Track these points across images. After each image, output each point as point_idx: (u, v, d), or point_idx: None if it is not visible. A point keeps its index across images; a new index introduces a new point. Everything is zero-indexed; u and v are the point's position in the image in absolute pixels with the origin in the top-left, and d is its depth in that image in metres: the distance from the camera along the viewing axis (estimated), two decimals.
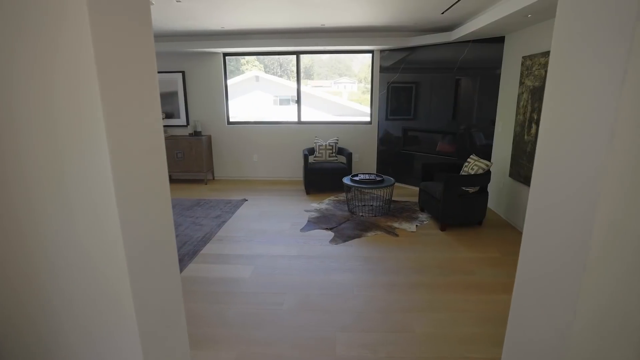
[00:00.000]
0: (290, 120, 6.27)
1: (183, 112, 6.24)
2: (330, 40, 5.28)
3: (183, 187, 6.04)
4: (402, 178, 5.89)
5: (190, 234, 3.96)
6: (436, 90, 5.23)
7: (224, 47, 5.46)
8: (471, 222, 4.04)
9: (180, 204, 5.09)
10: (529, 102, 3.68)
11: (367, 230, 4.01)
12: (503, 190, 4.35)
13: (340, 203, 5.02)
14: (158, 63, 5.96)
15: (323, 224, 4.22)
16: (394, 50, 5.56)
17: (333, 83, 8.84)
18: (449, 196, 3.85)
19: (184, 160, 6.05)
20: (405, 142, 5.78)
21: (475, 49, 4.66)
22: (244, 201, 5.18)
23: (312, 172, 5.39)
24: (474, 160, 4.09)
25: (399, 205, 4.87)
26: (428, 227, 4.12)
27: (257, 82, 9.52)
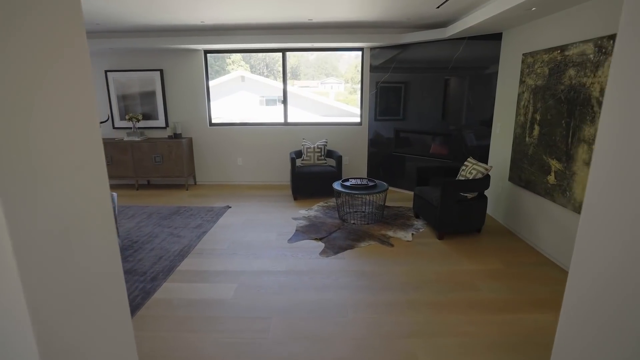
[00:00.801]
0: (276, 122, 5.95)
1: (162, 113, 5.85)
2: (318, 36, 4.99)
3: (162, 193, 5.65)
4: (394, 181, 5.64)
5: (166, 247, 3.60)
6: (429, 90, 4.99)
7: (204, 43, 5.10)
8: (470, 229, 3.80)
9: (157, 212, 4.71)
10: (531, 102, 3.46)
11: (359, 240, 3.73)
12: (502, 195, 4.13)
13: (330, 209, 4.73)
14: (134, 60, 5.58)
15: (312, 234, 3.92)
16: (385, 48, 5.30)
17: (320, 83, 8.74)
18: (447, 203, 3.60)
19: (162, 165, 5.66)
20: (397, 144, 5.53)
21: (471, 47, 4.43)
22: (227, 208, 4.84)
23: (299, 177, 5.09)
24: (472, 163, 3.86)
25: (392, 212, 4.61)
26: (424, 235, 3.86)
27: (242, 82, 9.23)
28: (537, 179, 3.36)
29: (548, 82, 3.19)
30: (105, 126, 5.92)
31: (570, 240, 2.97)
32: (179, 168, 5.68)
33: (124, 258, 3.33)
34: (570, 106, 2.90)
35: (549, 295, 2.69)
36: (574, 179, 2.87)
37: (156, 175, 5.72)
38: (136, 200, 5.28)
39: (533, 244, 3.52)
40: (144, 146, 5.59)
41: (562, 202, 3.02)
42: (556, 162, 3.08)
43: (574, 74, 2.84)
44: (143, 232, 4.00)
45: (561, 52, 3.00)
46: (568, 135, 2.93)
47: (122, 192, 5.72)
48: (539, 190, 3.34)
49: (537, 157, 3.36)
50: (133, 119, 5.62)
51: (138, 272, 3.07)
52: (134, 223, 4.30)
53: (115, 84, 5.75)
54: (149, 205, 4.98)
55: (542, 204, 3.35)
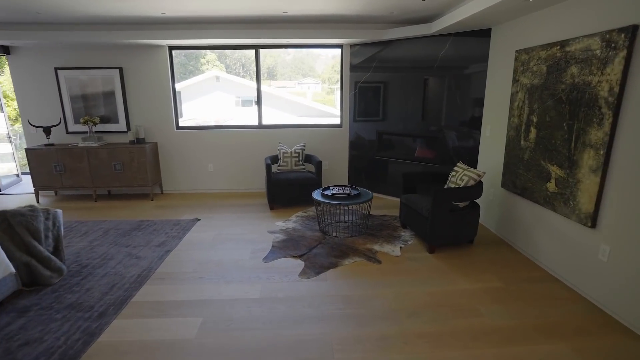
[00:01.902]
0: (250, 124, 5.50)
1: (122, 115, 5.29)
2: (294, 32, 4.59)
3: (124, 204, 5.09)
4: (378, 187, 5.31)
5: (122, 272, 3.11)
6: (413, 91, 4.68)
7: (168, 38, 4.60)
8: (462, 240, 3.51)
9: (116, 228, 4.17)
10: (526, 102, 3.19)
11: (343, 257, 3.35)
12: (494, 202, 3.87)
13: (309, 220, 4.34)
14: (88, 56, 5.00)
15: (290, 250, 3.51)
16: (366, 45, 4.96)
17: (297, 84, 8.50)
18: (439, 213, 3.28)
19: (123, 173, 5.11)
20: (380, 147, 5.21)
21: (458, 44, 4.15)
22: (195, 221, 4.36)
23: (276, 184, 4.67)
24: (462, 169, 3.56)
25: (377, 221, 4.27)
26: (414, 248, 3.53)
27: (217, 83, 8.75)
28: (535, 186, 3.09)
29: (546, 81, 2.92)
30: (58, 130, 5.30)
31: (575, 254, 2.70)
32: (142, 176, 5.14)
33: (68, 288, 2.82)
34: (572, 107, 2.63)
35: (559, 319, 2.40)
36: (578, 187, 2.60)
37: (117, 184, 5.15)
38: (93, 214, 4.70)
39: (531, 257, 3.26)
40: (102, 152, 5.02)
41: (565, 212, 2.75)
42: (557, 169, 2.82)
43: (577, 72, 2.57)
44: (96, 254, 3.48)
45: (561, 48, 2.73)
46: (571, 139, 2.66)
47: (77, 204, 5.12)
48: (537, 199, 3.07)
49: (535, 162, 3.09)
50: (89, 122, 5.04)
51: (83, 307, 2.58)
52: (86, 242, 3.76)
53: (68, 83, 5.14)
54: (107, 220, 4.43)
55: (541, 214, 3.08)
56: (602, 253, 2.46)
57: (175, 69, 5.27)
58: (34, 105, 5.23)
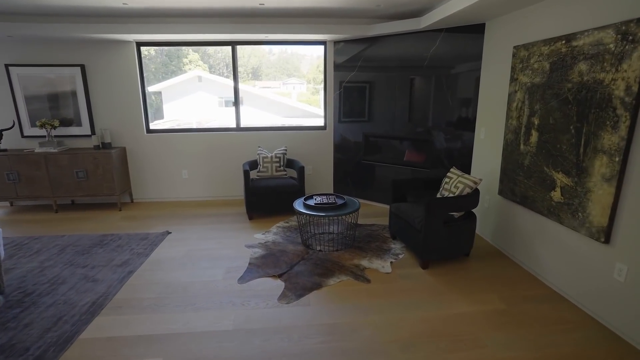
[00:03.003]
0: (227, 127, 5.11)
1: (86, 118, 4.82)
2: (273, 26, 4.23)
3: (88, 216, 4.63)
4: (365, 193, 4.99)
5: (72, 300, 2.69)
6: (401, 91, 4.38)
7: (133, 32, 4.17)
8: (457, 253, 3.21)
9: (75, 244, 3.73)
10: (526, 103, 2.92)
11: (328, 275, 3.01)
12: (490, 210, 3.59)
13: (292, 231, 3.99)
14: (45, 52, 4.53)
15: (269, 268, 3.15)
16: (351, 42, 4.64)
17: (282, 84, 8.38)
18: (433, 226, 2.98)
19: (87, 181, 4.64)
20: (367, 151, 4.89)
21: (449, 40, 3.87)
22: (166, 235, 3.95)
23: (255, 192, 4.29)
24: (457, 175, 3.27)
25: (365, 231, 3.95)
26: (406, 263, 3.22)
27: (200, 83, 8.43)
28: (537, 195, 2.82)
29: (549, 80, 2.64)
30: (11, 134, 4.79)
31: (586, 272, 2.43)
32: (109, 185, 4.68)
33: (1, 325, 2.39)
34: (581, 108, 2.36)
35: (573, 348, 2.11)
36: (588, 197, 2.33)
37: (80, 194, 4.68)
38: (51, 227, 4.23)
39: (533, 272, 2.98)
40: (62, 159, 4.55)
41: (572, 224, 2.47)
42: (563, 176, 2.54)
43: (586, 69, 2.30)
44: (45, 277, 3.04)
45: (567, 43, 2.46)
46: (579, 144, 2.39)
47: (35, 216, 4.63)
48: (539, 208, 2.80)
49: (537, 168, 2.82)
50: (47, 125, 4.55)
51: (16, 350, 2.16)
52: (36, 263, 3.31)
53: (22, 82, 4.64)
54: (66, 235, 3.97)
55: (544, 225, 2.81)
56: (618, 272, 2.19)
57: (156, 68, 4.83)
58: None
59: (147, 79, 4.90)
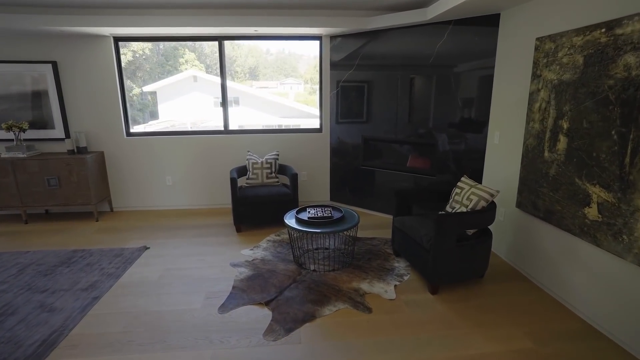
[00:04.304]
0: (214, 129, 4.69)
1: (59, 120, 4.40)
2: (263, 19, 3.82)
3: (61, 227, 4.21)
4: (364, 202, 4.59)
5: (19, 338, 2.27)
6: (404, 90, 3.98)
7: (110, 25, 3.75)
8: (471, 276, 2.81)
9: (38, 262, 3.31)
10: (552, 103, 2.52)
11: (323, 302, 2.60)
12: (506, 224, 3.19)
13: (283, 246, 3.58)
14: (12, 47, 4.13)
15: (256, 293, 2.74)
16: (349, 36, 4.23)
17: (279, 84, 8.24)
18: (443, 245, 2.57)
19: (60, 189, 4.22)
20: (367, 155, 4.49)
21: (458, 33, 3.47)
22: (143, 250, 3.54)
23: (243, 202, 3.88)
24: (469, 185, 2.87)
25: (364, 246, 3.54)
26: (412, 287, 2.82)
27: (195, 83, 8.17)
28: (566, 211, 2.42)
29: (583, 76, 2.24)
30: None
31: (634, 307, 2.02)
32: (84, 193, 4.26)
33: None
34: (627, 110, 1.96)
35: None
36: (637, 217, 1.93)
37: (52, 203, 4.26)
38: (16, 241, 3.81)
39: (561, 299, 2.58)
40: (31, 165, 4.13)
41: (614, 248, 2.08)
42: (601, 190, 2.14)
43: (636, 62, 1.90)
44: None
45: (608, 31, 2.06)
46: (624, 152, 1.99)
47: (1, 227, 4.21)
48: (569, 226, 2.40)
49: (565, 180, 2.42)
50: (14, 128, 4.13)
51: None
52: None
53: None
54: (31, 251, 3.55)
55: (575, 246, 2.41)
56: None
57: (152, 68, 4.42)
58: None
59: (143, 79, 4.52)
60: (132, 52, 5.14)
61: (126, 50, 5.03)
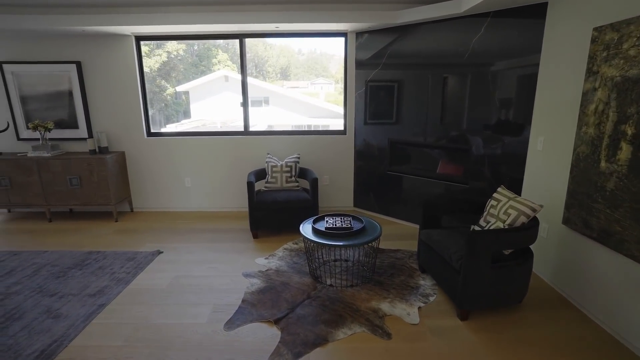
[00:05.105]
0: (234, 130, 4.56)
1: (82, 120, 4.42)
2: (284, 15, 3.62)
3: (81, 227, 4.21)
4: (389, 209, 4.29)
5: (20, 346, 2.19)
6: (435, 90, 3.66)
7: (131, 23, 3.69)
8: (507, 301, 2.46)
9: (53, 263, 3.28)
10: (611, 105, 2.13)
11: (338, 324, 2.36)
12: (549, 242, 2.81)
13: (300, 255, 3.37)
14: (40, 48, 4.18)
15: (266, 308, 2.54)
16: (376, 33, 3.95)
17: (310, 84, 8.20)
18: (476, 266, 2.26)
19: (81, 189, 4.23)
20: (393, 160, 4.19)
21: (497, 27, 3.11)
22: (156, 255, 3.44)
23: (260, 207, 3.70)
24: (507, 197, 2.52)
25: (387, 259, 3.26)
26: (438, 310, 2.51)
27: (226, 83, 8.23)
28: (629, 233, 2.04)
29: None
30: (6, 137, 4.47)
31: None
32: (104, 193, 4.25)
33: None
34: None
35: None
36: None
37: (74, 202, 4.28)
38: (38, 240, 3.84)
39: (620, 336, 2.19)
40: (55, 164, 4.16)
41: None
42: None
43: None
44: (5, 308, 2.58)
45: None
46: None
47: (28, 225, 4.28)
48: (633, 251, 2.02)
49: (629, 196, 2.03)
50: (40, 127, 4.18)
51: None
52: (1, 288, 2.87)
53: (17, 81, 4.30)
54: (48, 251, 3.54)
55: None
56: None
57: (186, 69, 4.38)
58: None
59: (177, 79, 4.49)
60: (167, 53, 5.12)
61: (161, 51, 5.02)
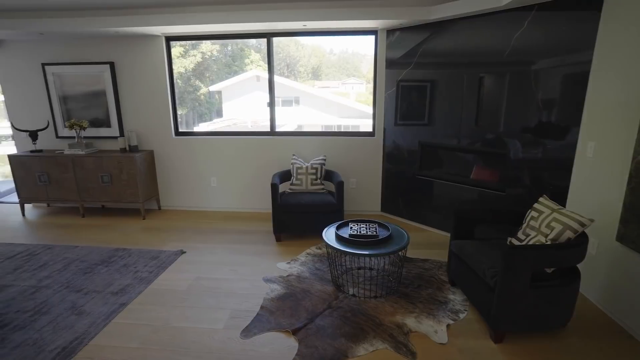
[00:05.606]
0: (260, 130, 4.52)
1: (115, 118, 4.54)
2: (312, 12, 3.52)
3: (110, 223, 4.32)
4: (419, 215, 4.09)
5: (45, 341, 2.22)
6: (471, 90, 3.42)
7: (160, 24, 3.72)
8: (548, 324, 2.22)
9: (82, 259, 3.36)
10: None
11: (359, 338, 2.22)
12: (599, 260, 2.53)
13: (322, 261, 3.25)
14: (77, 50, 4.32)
15: (285, 317, 2.44)
16: (408, 30, 3.77)
17: (341, 84, 8.21)
18: (513, 285, 2.05)
19: (111, 186, 4.34)
20: (424, 164, 3.98)
21: (543, 21, 2.85)
22: (179, 255, 3.44)
23: (284, 210, 3.63)
24: (550, 209, 2.28)
25: (415, 269, 3.08)
26: (469, 330, 2.31)
27: (257, 82, 8.34)
28: None
29: None
30: (46, 135, 4.67)
31: None
32: (132, 191, 4.33)
33: None
34: None
35: None
36: None
37: (105, 199, 4.40)
38: (70, 235, 3.96)
39: None
40: (88, 162, 4.29)
41: None
42: None
43: None
44: (33, 302, 2.65)
45: None
46: None
47: (64, 219, 4.44)
48: None
49: None
50: (75, 126, 4.33)
51: None
52: (34, 280, 2.96)
53: (57, 81, 4.48)
54: (79, 246, 3.64)
55: None
56: None
57: (219, 69, 4.43)
58: (23, 106, 4.63)
59: (210, 79, 4.56)
60: (202, 53, 5.20)
61: (196, 52, 5.10)
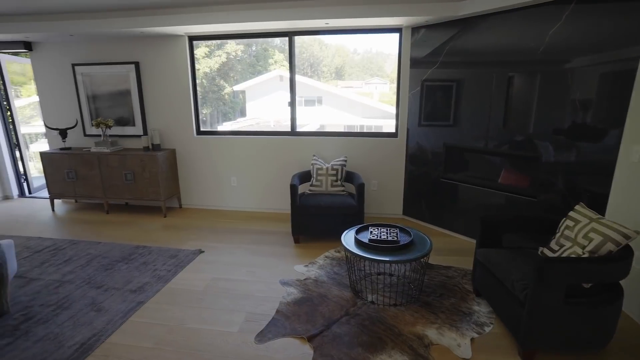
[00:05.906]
0: (281, 130, 4.48)
1: (139, 117, 4.62)
2: (335, 10, 3.44)
3: (132, 220, 4.40)
4: (442, 220, 3.94)
5: (65, 336, 2.25)
6: (499, 90, 3.24)
7: (183, 23, 3.75)
8: (585, 345, 2.05)
9: (105, 255, 3.42)
10: None
11: (377, 349, 2.12)
12: None
13: (341, 265, 3.17)
14: (104, 50, 4.42)
15: (300, 322, 2.38)
16: (434, 27, 3.62)
17: (364, 84, 8.12)
18: (545, 300, 1.89)
19: (134, 184, 4.42)
20: (449, 166, 3.83)
21: (582, 15, 2.65)
22: (197, 254, 3.44)
23: (303, 211, 3.56)
24: (587, 218, 2.10)
25: (438, 277, 2.94)
26: (495, 345, 2.17)
27: (280, 82, 8.39)
28: None
29: None
30: (75, 133, 4.81)
31: None
32: (154, 189, 4.39)
33: None
34: None
35: None
36: None
37: (128, 196, 4.49)
38: (94, 230, 4.06)
39: None
40: (113, 159, 4.38)
41: None
42: None
43: None
44: (58, 296, 2.71)
45: None
46: None
47: (90, 215, 4.56)
48: None
49: None
50: (101, 125, 4.43)
51: None
52: (58, 275, 3.04)
53: (85, 81, 4.60)
54: (101, 242, 3.72)
55: None
56: None
57: (243, 69, 4.46)
58: (54, 105, 4.79)
59: (234, 79, 4.59)
60: (226, 53, 5.23)
61: (221, 52, 5.13)
